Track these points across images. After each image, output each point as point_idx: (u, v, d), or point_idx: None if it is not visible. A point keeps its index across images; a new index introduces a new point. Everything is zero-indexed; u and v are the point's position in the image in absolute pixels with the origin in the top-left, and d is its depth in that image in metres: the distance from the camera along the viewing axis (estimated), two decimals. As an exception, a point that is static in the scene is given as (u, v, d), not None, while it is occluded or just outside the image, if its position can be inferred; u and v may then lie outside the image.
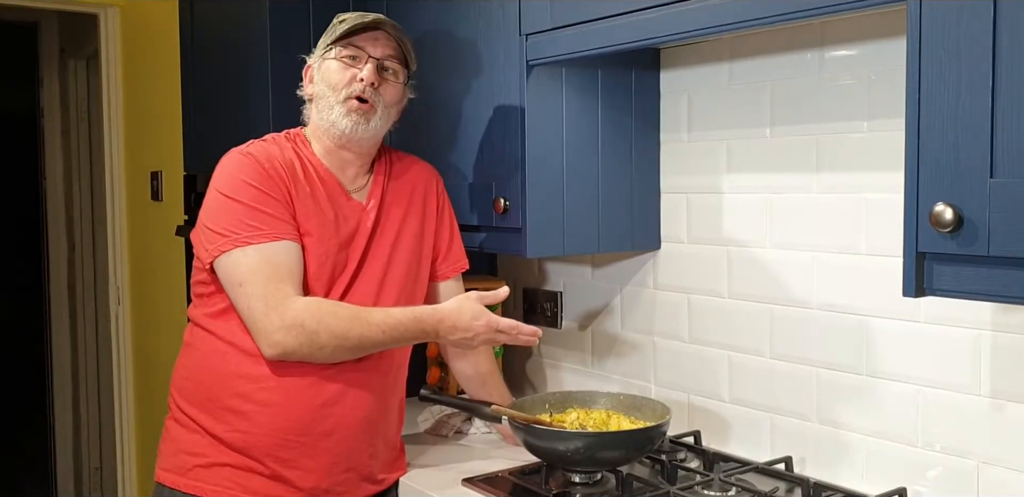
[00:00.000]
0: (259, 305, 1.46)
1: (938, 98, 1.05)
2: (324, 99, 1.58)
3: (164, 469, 1.59)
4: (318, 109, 1.60)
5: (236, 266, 1.48)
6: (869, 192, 1.52)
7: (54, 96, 4.40)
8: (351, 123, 1.56)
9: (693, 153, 1.82)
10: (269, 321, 1.45)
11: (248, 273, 1.47)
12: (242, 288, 1.48)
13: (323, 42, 1.62)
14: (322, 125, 1.59)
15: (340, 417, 1.56)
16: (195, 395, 1.58)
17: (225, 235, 1.49)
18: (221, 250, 1.49)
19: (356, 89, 1.56)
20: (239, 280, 1.48)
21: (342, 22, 1.60)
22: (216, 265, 1.50)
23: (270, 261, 1.48)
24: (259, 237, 1.48)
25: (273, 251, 1.48)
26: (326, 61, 1.60)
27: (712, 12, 1.34)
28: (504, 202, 1.74)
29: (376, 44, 1.58)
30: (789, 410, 1.67)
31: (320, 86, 1.59)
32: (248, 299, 1.47)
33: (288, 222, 1.52)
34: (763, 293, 1.70)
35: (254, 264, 1.47)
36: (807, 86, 1.61)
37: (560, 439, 1.55)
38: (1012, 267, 1.01)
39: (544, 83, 1.72)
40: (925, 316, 1.46)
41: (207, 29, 2.43)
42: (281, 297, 1.46)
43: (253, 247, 1.48)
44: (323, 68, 1.60)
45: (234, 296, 1.50)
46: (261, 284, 1.46)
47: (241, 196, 1.50)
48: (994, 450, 1.38)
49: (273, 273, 1.47)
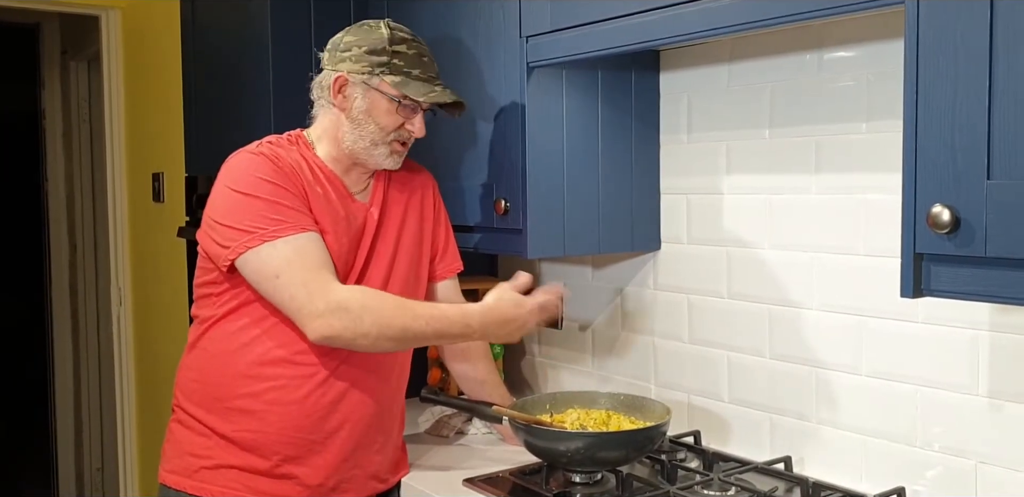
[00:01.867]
0: (302, 292, 1.45)
1: (935, 100, 1.05)
2: (367, 132, 1.57)
3: (169, 471, 1.60)
4: (353, 133, 1.58)
5: (269, 259, 1.47)
6: (868, 193, 1.53)
7: (55, 97, 4.41)
8: (393, 163, 1.62)
9: (693, 154, 1.83)
10: (314, 305, 1.45)
11: (284, 264, 1.47)
12: (279, 279, 1.47)
13: (366, 62, 1.55)
14: (354, 148, 1.59)
15: (347, 414, 1.57)
16: (202, 396, 1.58)
17: (250, 231, 1.48)
18: (248, 246, 1.47)
19: (404, 137, 1.60)
20: (275, 272, 1.47)
21: (396, 53, 1.55)
22: (241, 262, 1.49)
23: (302, 251, 1.48)
24: (286, 230, 1.48)
25: (302, 242, 1.49)
26: (378, 95, 1.56)
27: (711, 14, 1.35)
28: (505, 203, 1.74)
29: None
30: (788, 410, 1.68)
31: (363, 116, 1.57)
32: (288, 288, 1.46)
33: (308, 215, 1.52)
34: (763, 293, 1.71)
35: (288, 255, 1.47)
36: (806, 87, 1.62)
37: (560, 439, 1.55)
38: (1009, 268, 1.01)
39: (544, 84, 1.72)
40: (923, 316, 1.47)
41: (208, 31, 2.43)
42: (324, 282, 1.47)
43: (282, 240, 1.47)
44: (371, 99, 1.56)
45: (270, 289, 1.48)
46: (299, 273, 1.46)
47: (259, 192, 1.50)
48: (992, 449, 1.39)
49: (309, 262, 1.48)
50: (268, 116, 2.07)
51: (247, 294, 1.54)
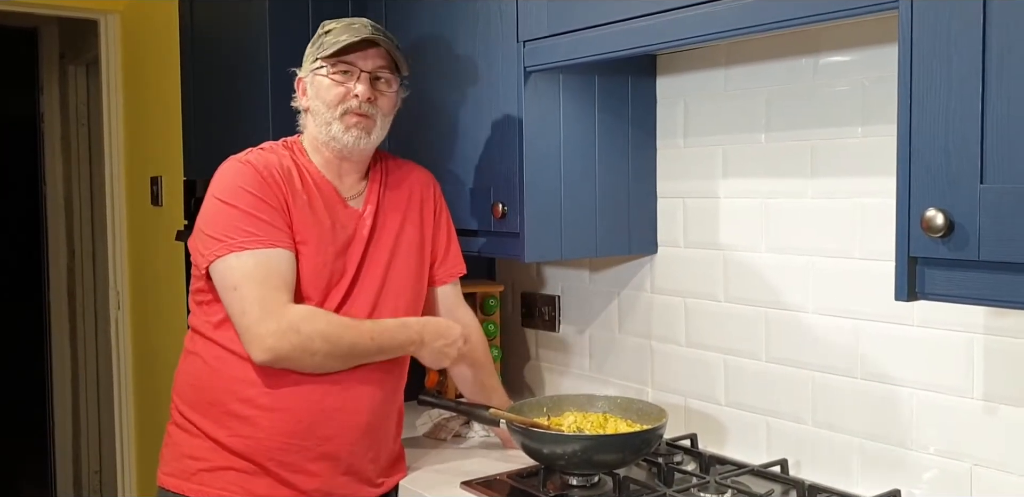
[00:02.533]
0: (254, 309, 1.46)
1: (929, 104, 1.06)
2: (320, 115, 1.58)
3: (167, 474, 1.60)
4: (316, 123, 1.59)
5: (231, 270, 1.48)
6: (863, 197, 1.53)
7: (54, 102, 4.41)
8: (353, 138, 1.57)
9: (689, 158, 1.84)
10: (264, 325, 1.46)
11: (243, 277, 1.47)
12: (236, 292, 1.48)
13: (311, 54, 1.61)
14: (321, 138, 1.59)
15: (342, 421, 1.57)
16: (197, 400, 1.59)
17: (221, 240, 1.49)
18: (217, 255, 1.49)
19: (352, 105, 1.56)
20: (233, 284, 1.48)
21: (328, 32, 1.59)
22: (212, 269, 1.51)
23: (265, 267, 1.48)
24: (254, 242, 1.49)
25: (268, 257, 1.49)
26: (317, 76, 1.59)
27: (708, 19, 1.35)
28: (502, 207, 1.75)
29: (366, 57, 1.57)
30: (785, 413, 1.68)
31: (315, 102, 1.59)
32: (242, 303, 1.47)
33: (283, 230, 1.52)
34: (759, 297, 1.72)
35: (249, 269, 1.48)
36: (802, 92, 1.62)
37: (558, 442, 1.56)
38: (1002, 271, 1.02)
39: (542, 89, 1.73)
40: (918, 320, 1.47)
41: (207, 35, 2.44)
42: (277, 303, 1.47)
43: (248, 252, 1.48)
44: (315, 83, 1.59)
45: (228, 300, 1.50)
46: (256, 289, 1.47)
47: (238, 202, 1.51)
48: (987, 452, 1.39)
49: (268, 279, 1.48)
50: (267, 120, 2.08)
51: None
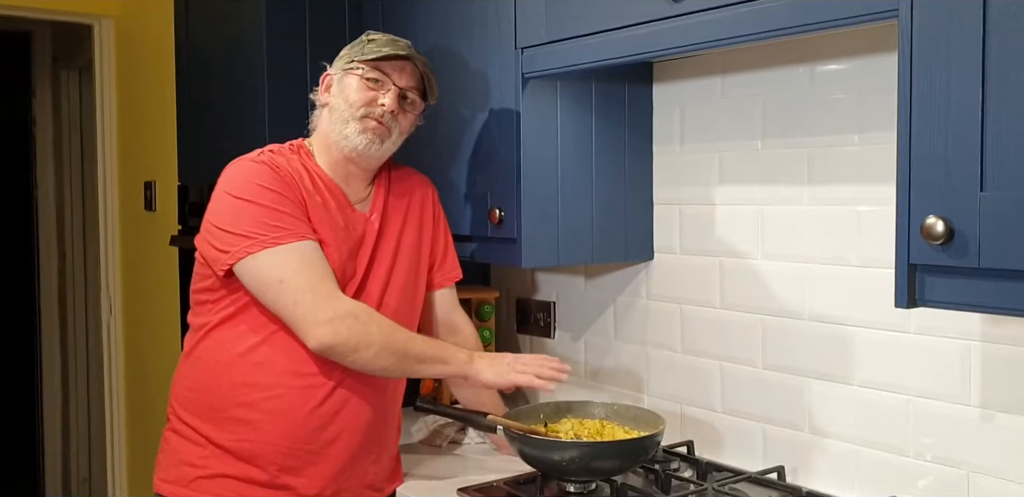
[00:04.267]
0: (307, 298, 1.46)
1: (929, 112, 1.06)
2: (339, 112, 1.59)
3: (164, 480, 1.59)
4: (331, 120, 1.60)
5: (271, 265, 1.47)
6: (860, 204, 1.54)
7: (47, 106, 4.40)
8: (366, 141, 1.58)
9: (686, 165, 1.84)
10: (322, 311, 1.46)
11: (288, 270, 1.47)
12: (283, 284, 1.47)
13: (347, 55, 1.62)
14: (332, 136, 1.60)
15: (344, 424, 1.57)
16: (198, 405, 1.58)
17: (250, 237, 1.48)
18: (247, 252, 1.48)
19: (376, 112, 1.57)
20: (278, 277, 1.47)
21: (371, 41, 1.61)
22: (240, 267, 1.49)
23: (306, 259, 1.49)
24: (287, 237, 1.48)
25: (304, 250, 1.49)
26: (349, 76, 1.59)
27: (704, 28, 1.36)
28: (499, 213, 1.75)
29: (403, 73, 1.59)
30: (781, 420, 1.68)
31: (337, 99, 1.60)
32: (294, 293, 1.46)
33: (307, 223, 1.53)
34: (755, 304, 1.72)
35: (291, 262, 1.48)
36: (798, 100, 1.63)
37: (555, 449, 1.55)
38: (1002, 279, 1.02)
39: (539, 96, 1.73)
40: (916, 327, 1.48)
41: (202, 39, 2.44)
42: (329, 290, 1.48)
43: (284, 247, 1.48)
44: (343, 82, 1.60)
45: (273, 293, 1.48)
46: (306, 279, 1.47)
47: (260, 199, 1.50)
48: (984, 459, 1.40)
49: (314, 270, 1.49)
50: (263, 125, 2.07)
51: (245, 300, 1.54)
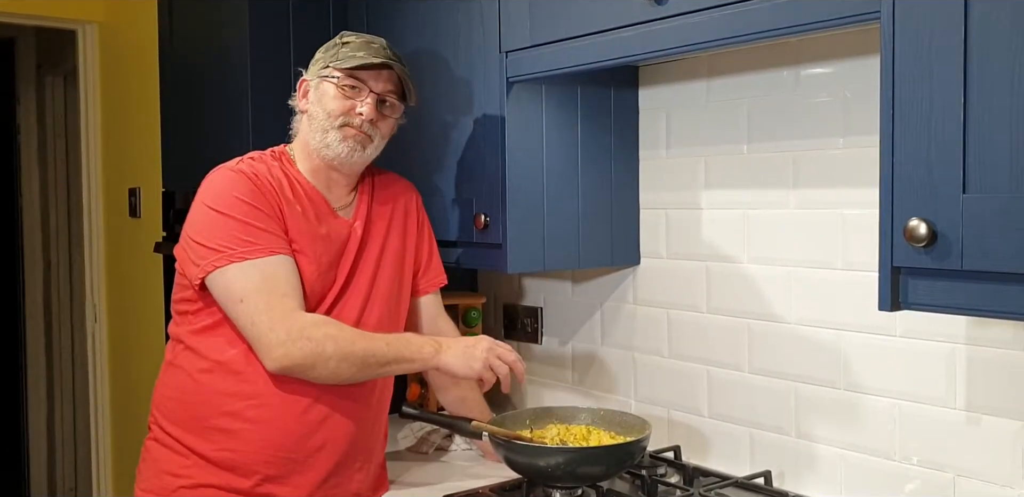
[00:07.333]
0: (263, 319, 1.44)
1: (911, 115, 1.07)
2: (318, 121, 1.57)
3: (145, 490, 1.58)
4: (311, 128, 1.58)
5: (234, 282, 1.46)
6: (845, 208, 1.54)
7: (31, 112, 4.38)
8: (347, 149, 1.56)
9: (672, 169, 1.84)
10: (275, 334, 1.44)
11: (249, 288, 1.45)
12: (243, 304, 1.46)
13: (322, 59, 1.60)
14: (313, 144, 1.58)
15: (329, 432, 1.56)
16: (179, 415, 1.56)
17: (219, 251, 1.47)
18: (215, 265, 1.47)
19: (354, 122, 1.55)
20: (239, 296, 1.46)
21: (346, 44, 1.58)
22: (209, 281, 1.48)
23: (270, 276, 1.47)
24: (255, 252, 1.47)
25: (271, 266, 1.48)
26: (325, 83, 1.57)
27: (689, 30, 1.36)
28: (484, 218, 1.74)
29: (379, 78, 1.57)
30: (768, 424, 1.68)
31: (315, 107, 1.58)
32: (251, 315, 1.45)
33: (281, 237, 1.51)
34: (741, 308, 1.72)
35: (254, 279, 1.46)
36: (783, 103, 1.63)
37: (541, 455, 1.55)
38: (985, 281, 1.02)
39: (524, 100, 1.73)
40: (901, 330, 1.48)
41: (186, 45, 2.43)
42: (287, 311, 1.46)
43: (250, 262, 1.46)
44: (320, 90, 1.58)
45: (234, 312, 1.48)
46: (264, 299, 1.45)
47: (233, 212, 1.49)
48: (970, 463, 1.40)
49: (274, 287, 1.46)
50: (246, 131, 2.07)
51: (223, 313, 1.52)
